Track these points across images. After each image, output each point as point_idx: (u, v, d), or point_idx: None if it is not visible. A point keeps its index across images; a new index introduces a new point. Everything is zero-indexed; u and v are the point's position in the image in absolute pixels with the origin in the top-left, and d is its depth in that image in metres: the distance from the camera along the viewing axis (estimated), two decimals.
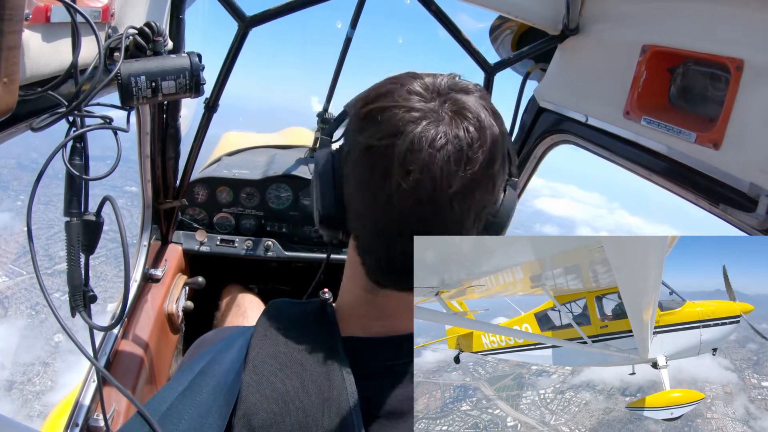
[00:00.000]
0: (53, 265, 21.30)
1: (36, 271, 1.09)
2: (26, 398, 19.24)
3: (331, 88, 2.93)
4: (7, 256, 27.78)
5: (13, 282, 26.26)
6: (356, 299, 0.91)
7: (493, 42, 2.32)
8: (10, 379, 19.88)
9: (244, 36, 1.83)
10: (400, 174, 0.76)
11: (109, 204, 1.12)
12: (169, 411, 0.81)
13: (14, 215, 30.85)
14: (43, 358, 21.08)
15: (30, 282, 25.39)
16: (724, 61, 1.19)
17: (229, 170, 2.98)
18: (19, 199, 33.92)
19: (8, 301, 24.95)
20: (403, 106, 0.79)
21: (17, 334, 22.73)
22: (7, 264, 27.25)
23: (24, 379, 20.07)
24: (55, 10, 1.00)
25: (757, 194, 1.09)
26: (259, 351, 0.84)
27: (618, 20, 1.61)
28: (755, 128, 1.13)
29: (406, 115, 0.78)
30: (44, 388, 19.65)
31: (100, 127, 1.13)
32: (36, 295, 24.49)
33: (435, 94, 0.81)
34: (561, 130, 1.92)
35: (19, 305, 24.69)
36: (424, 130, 0.77)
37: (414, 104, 0.79)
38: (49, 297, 1.08)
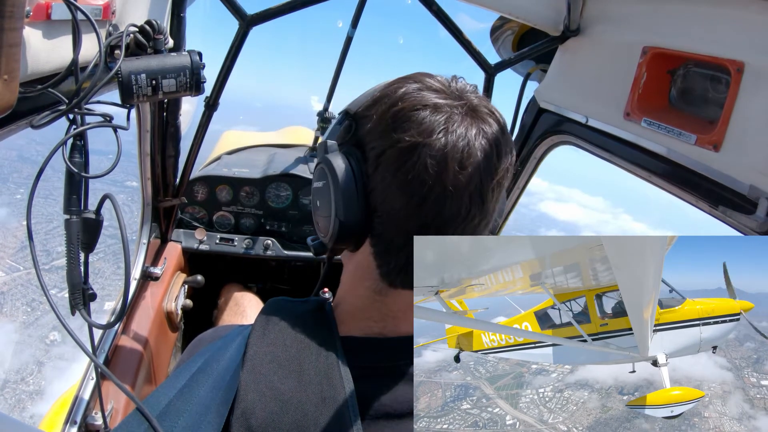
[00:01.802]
0: (51, 260, 21.15)
1: (36, 269, 1.09)
2: (19, 398, 19.07)
3: (331, 88, 2.93)
4: (5, 251, 27.54)
5: (9, 278, 26.03)
6: (361, 301, 0.91)
7: (493, 42, 2.32)
8: (3, 378, 19.65)
9: (245, 34, 1.83)
10: (454, 168, 0.79)
11: (109, 201, 1.12)
12: (167, 408, 0.81)
13: (13, 209, 30.60)
14: (38, 357, 20.88)
15: (27, 278, 25.20)
16: (725, 63, 1.19)
17: (229, 169, 2.98)
18: (18, 192, 33.61)
19: (4, 297, 24.71)
20: (434, 103, 0.81)
21: (12, 331, 22.53)
22: (4, 259, 27.04)
23: (17, 378, 19.84)
24: (56, 8, 1.00)
25: (756, 197, 1.09)
26: (258, 349, 0.84)
27: (619, 22, 1.61)
28: (755, 131, 1.13)
29: (440, 114, 0.80)
30: (38, 388, 19.39)
31: (100, 125, 1.13)
32: (32, 291, 24.35)
33: (455, 93, 0.84)
34: (561, 131, 1.93)
35: (14, 302, 24.45)
36: (464, 125, 0.81)
37: (443, 102, 0.82)
38: (49, 294, 1.08)
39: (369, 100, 0.89)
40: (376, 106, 0.86)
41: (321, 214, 0.91)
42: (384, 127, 0.83)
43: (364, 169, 0.85)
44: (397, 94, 0.84)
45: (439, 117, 0.80)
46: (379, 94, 0.87)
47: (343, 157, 0.86)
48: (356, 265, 0.92)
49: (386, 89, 0.87)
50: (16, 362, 20.65)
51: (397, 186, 0.81)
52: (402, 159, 0.80)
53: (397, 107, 0.82)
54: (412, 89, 0.83)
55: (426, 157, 0.79)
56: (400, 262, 0.85)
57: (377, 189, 0.84)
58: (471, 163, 0.80)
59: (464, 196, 0.81)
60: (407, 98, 0.82)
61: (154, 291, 2.35)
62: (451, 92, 0.84)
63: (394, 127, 0.81)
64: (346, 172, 0.85)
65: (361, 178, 0.85)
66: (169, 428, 0.79)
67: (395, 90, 0.85)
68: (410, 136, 0.80)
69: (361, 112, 0.89)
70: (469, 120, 0.82)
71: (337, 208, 0.86)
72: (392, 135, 0.81)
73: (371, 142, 0.85)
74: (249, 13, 1.79)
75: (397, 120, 0.81)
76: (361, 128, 0.88)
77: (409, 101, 0.82)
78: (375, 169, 0.84)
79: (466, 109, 0.82)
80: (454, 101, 0.83)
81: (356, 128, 0.89)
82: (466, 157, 0.80)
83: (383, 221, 0.84)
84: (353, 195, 0.85)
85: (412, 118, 0.80)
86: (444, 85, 0.85)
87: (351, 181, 0.85)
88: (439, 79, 0.87)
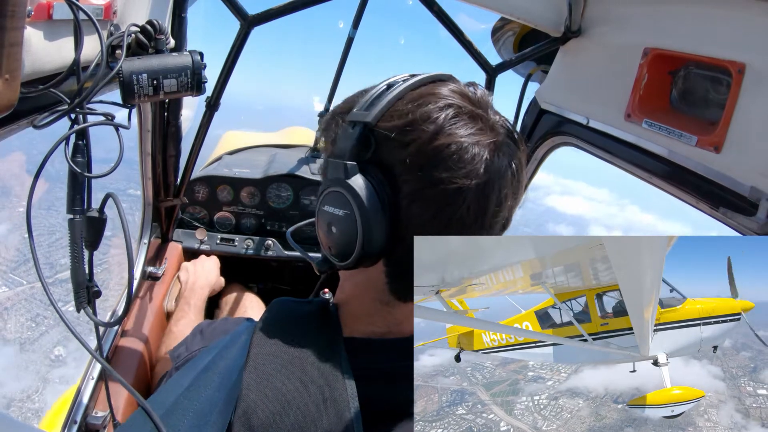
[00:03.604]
0: (55, 273, 20.65)
1: (36, 266, 1.09)
2: (25, 417, 18.65)
3: (332, 88, 2.93)
4: (7, 264, 27.05)
5: (12, 293, 25.35)
6: (365, 308, 0.91)
7: (494, 43, 2.32)
8: (8, 396, 19.18)
9: (246, 35, 1.83)
10: (492, 210, 0.81)
11: (112, 200, 1.12)
12: (173, 408, 0.81)
13: (15, 223, 30.22)
14: (44, 374, 20.39)
15: (30, 292, 24.52)
16: (726, 64, 1.19)
17: (230, 169, 2.98)
18: (21, 206, 33.38)
19: (8, 313, 23.98)
20: (470, 140, 0.79)
21: (18, 348, 21.92)
22: (7, 273, 26.47)
23: (23, 396, 19.30)
24: (58, 7, 1.00)
25: (757, 198, 1.09)
26: (260, 350, 0.84)
27: (620, 23, 1.61)
28: (756, 132, 1.13)
29: (478, 149, 0.79)
30: (43, 405, 18.81)
31: (102, 123, 1.13)
32: (36, 305, 23.72)
33: (482, 114, 0.83)
34: (562, 132, 1.92)
35: (19, 317, 23.73)
36: (500, 160, 0.81)
37: (478, 137, 0.80)
38: (49, 291, 1.08)
39: (396, 117, 0.82)
40: (413, 133, 0.80)
41: (337, 240, 0.85)
42: (423, 162, 0.79)
43: (393, 198, 0.80)
44: (437, 124, 0.79)
45: (477, 152, 0.79)
46: (411, 116, 0.81)
47: (368, 184, 0.80)
48: (366, 278, 0.89)
49: (419, 110, 0.81)
50: (21, 380, 20.21)
51: (437, 225, 0.79)
52: (445, 201, 0.78)
53: (437, 142, 0.78)
54: (449, 117, 0.80)
55: (470, 202, 0.79)
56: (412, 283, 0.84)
57: (411, 222, 0.80)
58: (507, 200, 0.83)
59: (495, 231, 0.84)
60: (445, 132, 0.79)
61: (155, 291, 2.35)
62: (481, 114, 0.83)
63: (434, 164, 0.78)
64: (374, 203, 0.79)
65: (390, 209, 0.80)
66: (175, 427, 0.79)
67: (430, 115, 0.80)
68: (455, 178, 0.77)
69: (386, 130, 0.82)
70: (501, 152, 0.82)
71: (365, 240, 0.80)
72: (433, 173, 0.78)
73: (405, 174, 0.80)
74: (250, 14, 1.80)
75: (438, 156, 0.78)
76: (388, 150, 0.82)
77: (449, 136, 0.78)
78: (411, 203, 0.80)
79: (498, 139, 0.83)
80: (486, 133, 0.81)
81: (377, 146, 0.83)
82: (504, 197, 0.82)
83: (409, 251, 0.78)
84: (382, 227, 0.80)
85: (453, 157, 0.78)
86: (472, 101, 0.83)
87: (380, 213, 0.79)
88: (465, 93, 0.84)
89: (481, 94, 0.86)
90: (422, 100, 0.81)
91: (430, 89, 0.84)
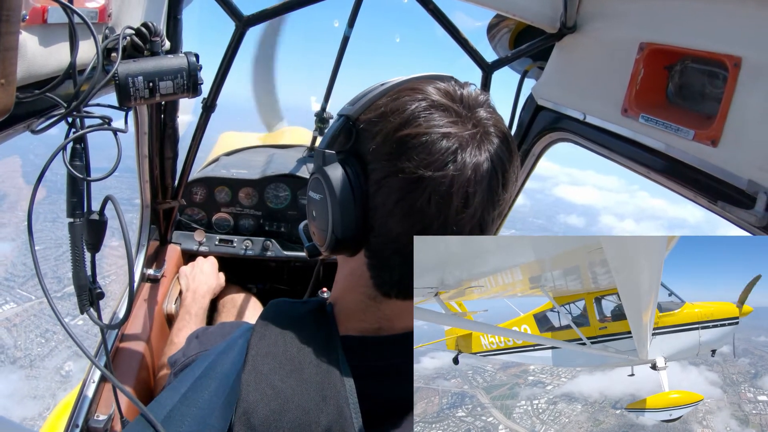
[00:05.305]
0: (62, 288, 20.30)
1: (36, 267, 1.08)
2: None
3: (328, 88, 2.92)
4: (16, 280, 26.59)
5: (21, 308, 24.92)
6: (355, 304, 0.91)
7: (490, 40, 2.32)
8: (21, 414, 18.73)
9: (242, 35, 1.83)
10: (458, 206, 0.79)
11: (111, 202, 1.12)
12: (171, 414, 0.81)
13: (21, 237, 29.63)
14: (54, 390, 20.03)
15: (39, 308, 24.11)
16: (722, 58, 1.19)
17: (228, 170, 2.97)
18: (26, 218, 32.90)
19: (17, 329, 23.50)
20: (443, 132, 0.78)
21: (27, 365, 21.49)
22: (15, 289, 25.99)
23: (35, 414, 18.85)
24: (52, 11, 1.00)
25: (755, 191, 1.09)
26: (258, 350, 0.85)
27: (615, 18, 1.61)
28: (753, 125, 1.13)
29: (447, 142, 0.78)
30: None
31: (99, 128, 1.13)
32: (45, 321, 23.29)
33: (465, 112, 0.82)
34: (559, 128, 1.93)
35: (28, 333, 23.30)
36: (472, 155, 0.79)
37: (450, 129, 0.79)
38: (48, 293, 1.08)
39: (372, 109, 0.85)
40: (381, 123, 0.82)
41: (317, 225, 0.89)
42: (388, 150, 0.80)
43: (365, 186, 0.83)
44: (404, 115, 0.80)
45: (447, 145, 0.78)
46: (384, 109, 0.83)
47: (342, 171, 0.83)
48: (351, 270, 0.92)
49: (393, 103, 0.83)
50: (32, 398, 19.91)
51: (399, 214, 0.80)
52: (406, 189, 0.79)
53: (403, 132, 0.79)
54: (420, 108, 0.80)
55: (430, 192, 0.78)
56: (394, 278, 0.86)
57: (378, 211, 0.82)
58: (475, 197, 0.79)
59: (465, 230, 0.81)
60: (414, 122, 0.79)
61: (154, 293, 2.35)
62: (461, 111, 0.81)
63: (399, 153, 0.79)
64: (345, 189, 0.82)
65: (361, 196, 0.83)
66: None
67: (402, 107, 0.81)
68: (416, 167, 0.78)
69: (363, 122, 0.85)
70: (478, 148, 0.80)
71: (335, 225, 0.84)
72: (396, 162, 0.79)
73: (374, 162, 0.82)
74: (245, 14, 1.79)
75: (403, 146, 0.79)
76: (362, 141, 0.85)
77: (417, 127, 0.79)
78: (377, 190, 0.82)
79: (477, 136, 0.80)
80: (464, 126, 0.80)
81: (357, 137, 0.86)
82: (471, 194, 0.79)
83: (380, 241, 0.84)
84: (351, 213, 0.83)
85: (418, 147, 0.78)
86: (454, 98, 0.82)
87: (350, 199, 0.82)
88: (449, 90, 0.83)
89: (468, 92, 0.85)
90: (400, 94, 0.84)
91: (412, 85, 0.85)
